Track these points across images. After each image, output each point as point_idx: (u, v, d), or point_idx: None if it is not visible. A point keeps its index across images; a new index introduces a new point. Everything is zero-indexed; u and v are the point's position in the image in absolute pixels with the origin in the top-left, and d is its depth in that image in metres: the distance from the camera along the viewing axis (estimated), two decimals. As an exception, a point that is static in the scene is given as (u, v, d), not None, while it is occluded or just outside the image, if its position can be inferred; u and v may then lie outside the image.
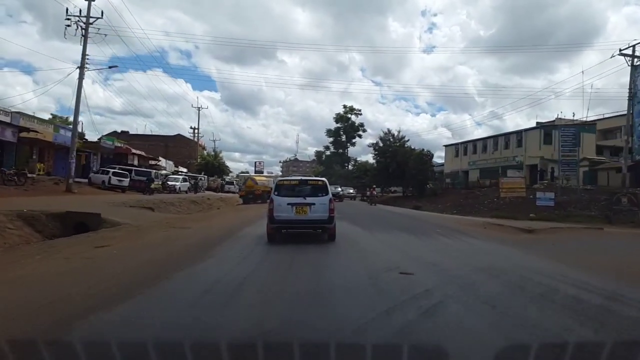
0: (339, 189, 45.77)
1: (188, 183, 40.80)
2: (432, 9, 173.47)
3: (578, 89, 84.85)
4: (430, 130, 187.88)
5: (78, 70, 25.71)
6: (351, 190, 55.00)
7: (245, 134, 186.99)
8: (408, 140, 50.57)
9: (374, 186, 44.24)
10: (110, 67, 27.72)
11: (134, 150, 38.74)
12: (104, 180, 29.79)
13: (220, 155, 63.35)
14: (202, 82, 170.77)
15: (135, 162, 41.43)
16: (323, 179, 11.76)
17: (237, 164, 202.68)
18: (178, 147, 73.33)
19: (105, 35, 26.32)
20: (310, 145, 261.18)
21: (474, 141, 56.20)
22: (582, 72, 53.51)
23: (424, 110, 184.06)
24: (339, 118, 77.84)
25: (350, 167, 73.24)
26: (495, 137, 52.62)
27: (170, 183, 36.64)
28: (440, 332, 4.13)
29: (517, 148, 48.33)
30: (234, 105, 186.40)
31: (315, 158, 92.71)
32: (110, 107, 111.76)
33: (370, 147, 52.07)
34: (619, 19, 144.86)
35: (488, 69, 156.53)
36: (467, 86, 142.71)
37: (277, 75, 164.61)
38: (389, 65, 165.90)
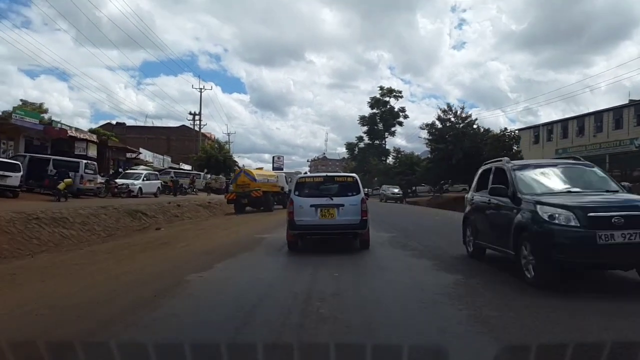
0: None
1: (159, 182, 27.74)
2: (462, 4, 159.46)
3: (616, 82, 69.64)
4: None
5: None
6: (396, 190, 40.67)
7: (274, 135, 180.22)
8: (476, 119, 36.02)
9: None
10: None
11: (71, 133, 25.63)
12: (-23, 178, 17.01)
13: (227, 147, 50.01)
14: (231, 84, 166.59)
15: (93, 153, 28.87)
16: (353, 174, 10.10)
17: (267, 164, 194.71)
18: (182, 140, 62.38)
19: None
20: (339, 145, 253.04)
21: (564, 121, 41.37)
22: None
23: (455, 108, 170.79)
24: (374, 103, 63.75)
25: (390, 160, 58.50)
26: (597, 114, 37.88)
27: (120, 182, 23.57)
28: None
29: (635, 127, 33.88)
30: (263, 106, 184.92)
31: (347, 155, 78.55)
32: (144, 110, 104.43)
33: (423, 129, 37.80)
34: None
35: (521, 64, 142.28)
36: (499, 82, 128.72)
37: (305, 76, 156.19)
38: (418, 62, 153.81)
